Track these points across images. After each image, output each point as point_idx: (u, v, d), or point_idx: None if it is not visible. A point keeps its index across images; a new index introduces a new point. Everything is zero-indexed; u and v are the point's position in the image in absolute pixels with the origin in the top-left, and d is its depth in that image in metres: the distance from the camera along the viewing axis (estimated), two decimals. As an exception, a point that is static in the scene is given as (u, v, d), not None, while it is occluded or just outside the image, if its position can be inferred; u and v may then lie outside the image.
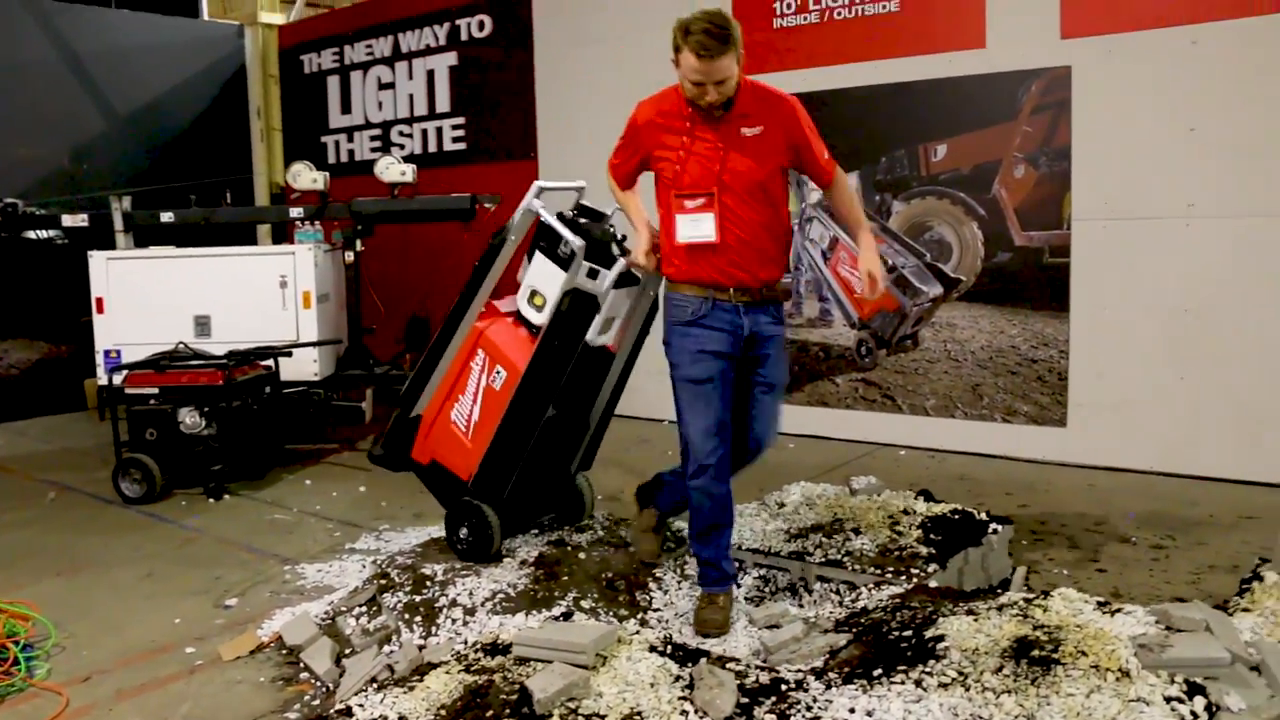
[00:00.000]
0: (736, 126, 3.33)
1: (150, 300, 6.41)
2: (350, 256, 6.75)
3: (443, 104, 8.23)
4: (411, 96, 8.43)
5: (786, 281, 4.04)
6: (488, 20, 7.87)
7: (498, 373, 3.78)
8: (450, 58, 8.15)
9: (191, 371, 5.48)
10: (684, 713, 2.48)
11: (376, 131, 8.72)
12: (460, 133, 8.15)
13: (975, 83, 5.78)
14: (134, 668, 3.39)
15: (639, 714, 2.44)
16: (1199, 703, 2.46)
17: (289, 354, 5.99)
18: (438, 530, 4.31)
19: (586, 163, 7.27)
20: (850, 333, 6.40)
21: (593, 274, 3.68)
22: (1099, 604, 2.96)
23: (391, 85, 8.58)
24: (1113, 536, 4.43)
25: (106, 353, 6.31)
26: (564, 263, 3.66)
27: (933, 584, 3.44)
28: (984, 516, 3.94)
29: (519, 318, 3.85)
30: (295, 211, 6.94)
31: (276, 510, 5.24)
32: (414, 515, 5.01)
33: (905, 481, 4.83)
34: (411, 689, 2.66)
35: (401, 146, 8.45)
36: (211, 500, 5.39)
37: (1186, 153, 5.23)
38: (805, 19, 6.31)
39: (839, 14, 6.20)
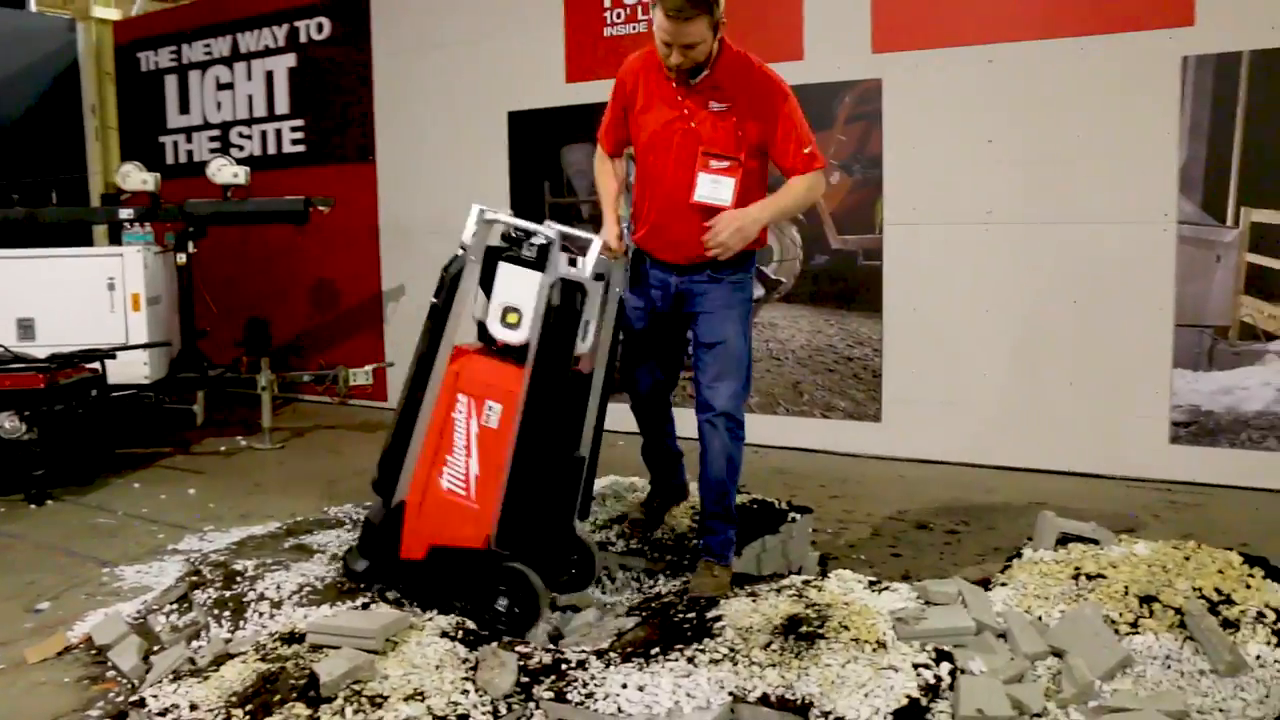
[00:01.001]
0: (706, 98, 3.38)
1: (-30, 302, 6.26)
2: (182, 258, 6.70)
3: (282, 106, 8.20)
4: (251, 97, 8.37)
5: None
6: (326, 22, 7.88)
7: (489, 409, 3.28)
8: (289, 59, 8.12)
9: (11, 375, 5.38)
10: (465, 692, 2.62)
11: (216, 132, 8.62)
12: (300, 135, 8.13)
13: (794, 93, 6.05)
14: (-70, 670, 3.37)
15: (421, 694, 2.57)
16: (944, 668, 2.72)
17: (114, 357, 5.91)
18: (259, 529, 4.36)
19: (425, 168, 7.42)
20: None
21: (572, 262, 3.35)
22: (870, 583, 3.21)
23: (231, 86, 8.50)
24: (912, 524, 4.73)
25: (-77, 357, 6.13)
26: (538, 262, 3.29)
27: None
28: (784, 506, 4.17)
29: (488, 349, 3.42)
30: (125, 213, 6.86)
31: (100, 514, 5.18)
32: (240, 516, 5.02)
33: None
34: (206, 678, 2.74)
35: (240, 148, 8.38)
36: (33, 506, 5.29)
37: (985, 162, 5.61)
38: (633, 28, 6.50)
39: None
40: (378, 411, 7.49)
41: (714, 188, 3.38)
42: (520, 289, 3.31)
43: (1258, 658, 2.74)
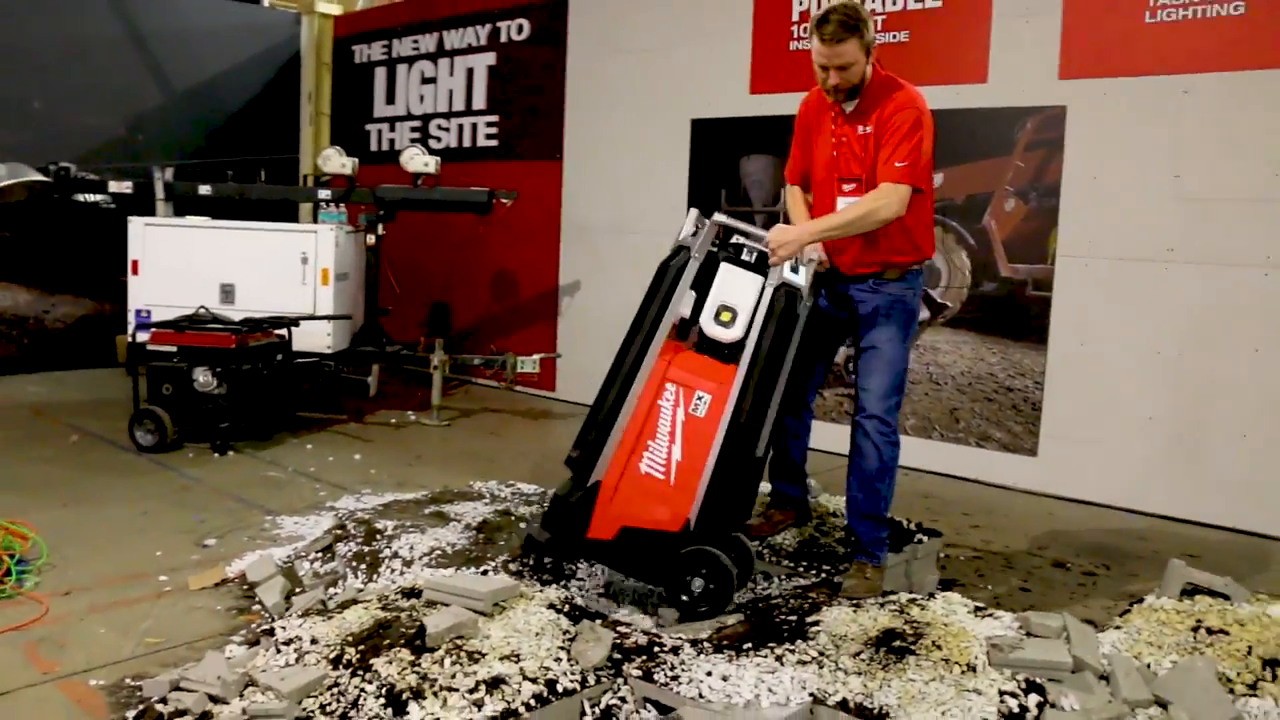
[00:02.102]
0: (856, 123, 3.63)
1: (181, 265, 6.82)
2: (372, 239, 7.12)
3: (479, 101, 8.59)
4: (451, 92, 8.80)
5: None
6: (526, 24, 8.22)
7: (698, 399, 3.41)
8: (489, 58, 8.50)
9: (208, 334, 5.86)
10: (558, 659, 2.76)
11: (417, 123, 9.09)
12: (494, 130, 8.49)
13: (974, 115, 5.99)
14: (110, 588, 3.75)
15: (516, 655, 2.72)
16: (1033, 700, 2.70)
17: (298, 325, 6.35)
18: (408, 495, 4.63)
19: (608, 168, 7.66)
20: (841, 349, 6.60)
21: (794, 268, 3.54)
22: (975, 609, 3.19)
23: (434, 80, 8.95)
24: (1049, 561, 4.62)
25: (138, 312, 6.71)
26: (759, 266, 3.50)
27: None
28: (912, 527, 4.16)
29: (699, 345, 3.56)
30: (323, 193, 7.33)
31: (273, 469, 5.59)
32: (396, 483, 5.32)
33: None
34: (331, 618, 2.97)
35: (438, 139, 8.82)
36: (216, 455, 5.76)
37: (1170, 198, 5.39)
38: (820, 44, 6.55)
39: (853, 42, 6.43)
40: (543, 400, 7.77)
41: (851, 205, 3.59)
42: (739, 290, 3.50)
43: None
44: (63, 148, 8.03)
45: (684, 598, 3.33)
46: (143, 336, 6.00)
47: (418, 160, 7.08)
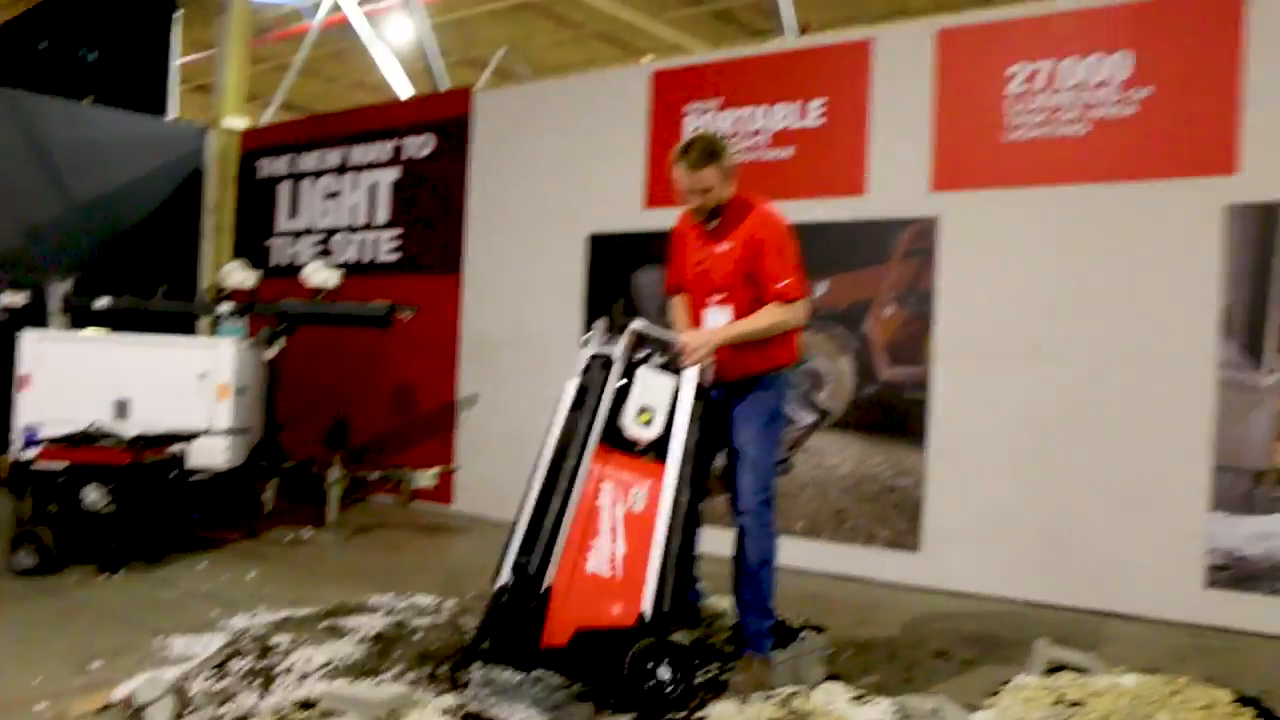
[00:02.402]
0: (718, 240, 3.99)
1: (75, 381, 6.76)
2: (271, 354, 7.17)
3: (382, 216, 8.77)
4: (354, 207, 8.97)
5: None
6: (430, 141, 8.46)
7: (635, 494, 3.65)
8: (393, 173, 8.71)
9: (100, 450, 5.83)
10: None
11: (320, 237, 9.22)
12: (396, 244, 8.66)
13: (854, 227, 6.34)
14: (-16, 717, 3.69)
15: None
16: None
17: (194, 439, 6.34)
18: (305, 610, 4.64)
19: (507, 282, 7.85)
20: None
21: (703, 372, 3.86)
22: (855, 697, 3.35)
23: (337, 195, 9.12)
24: (932, 652, 4.78)
25: (26, 429, 6.62)
26: (672, 367, 3.80)
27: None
28: (798, 625, 4.30)
29: (617, 446, 3.76)
30: (224, 307, 7.38)
31: (164, 588, 5.53)
32: (292, 600, 5.28)
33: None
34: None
35: (341, 253, 8.95)
36: (105, 575, 5.66)
37: (1034, 300, 5.78)
38: (709, 161, 6.86)
39: (740, 157, 6.75)
40: (441, 514, 7.81)
41: (717, 317, 3.99)
42: (655, 392, 3.79)
43: (1219, 799, 2.81)
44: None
45: (648, 688, 3.45)
46: (30, 454, 5.93)
47: (319, 274, 7.20)
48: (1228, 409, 5.28)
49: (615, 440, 3.75)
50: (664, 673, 3.48)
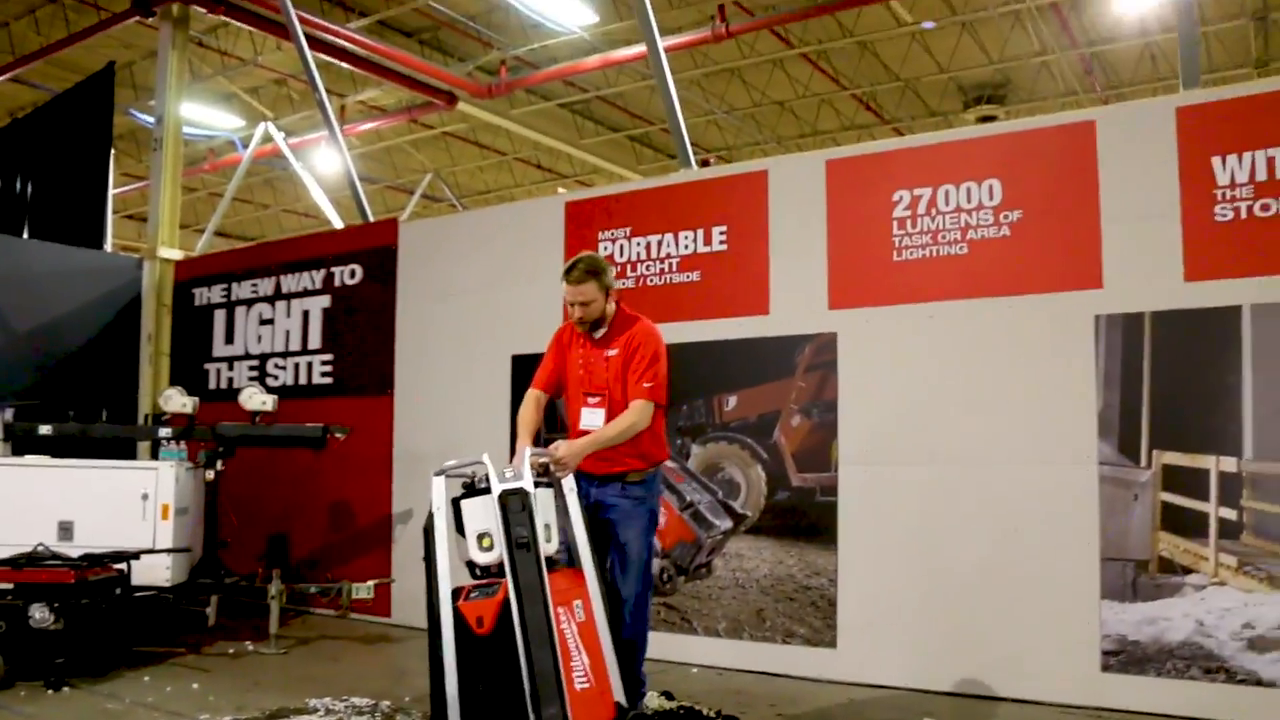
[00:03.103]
0: (603, 348, 4.65)
1: (19, 504, 6.98)
2: (211, 475, 7.43)
3: (314, 341, 9.09)
4: (288, 332, 9.29)
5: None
6: (359, 269, 8.86)
7: (576, 607, 4.11)
8: (324, 300, 9.07)
9: (46, 570, 6.03)
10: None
11: (255, 362, 9.51)
12: (328, 367, 8.98)
13: (760, 344, 6.79)
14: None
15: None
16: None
17: (138, 558, 6.55)
18: (247, 715, 4.87)
19: (436, 401, 8.21)
20: (655, 562, 7.14)
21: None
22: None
23: (271, 321, 9.45)
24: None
25: (-30, 551, 6.79)
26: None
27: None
28: (711, 714, 4.63)
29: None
30: (164, 431, 7.65)
31: (110, 701, 5.70)
32: (235, 707, 5.50)
33: (685, 694, 5.50)
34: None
35: (275, 377, 9.25)
36: (50, 691, 5.82)
37: (927, 407, 6.22)
38: (623, 283, 7.31)
39: (651, 281, 7.26)
40: (379, 625, 8.00)
41: (591, 417, 4.70)
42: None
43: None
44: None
45: None
46: (-25, 578, 6.10)
47: (256, 399, 7.50)
48: (1110, 503, 5.73)
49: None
50: None
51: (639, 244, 7.36)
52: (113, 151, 11.46)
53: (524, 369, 7.72)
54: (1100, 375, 5.79)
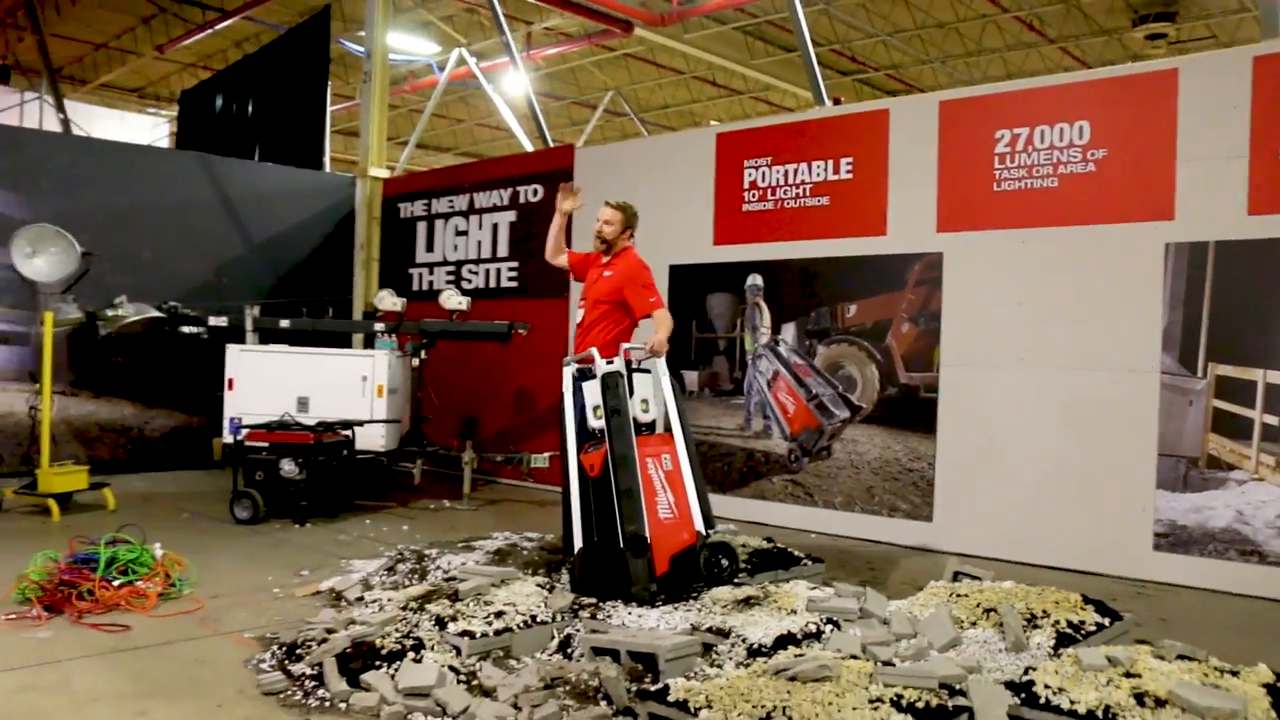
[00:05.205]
0: (604, 269, 6.10)
1: (267, 383, 8.70)
2: (416, 363, 9.01)
3: (502, 250, 10.56)
4: (479, 243, 10.79)
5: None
6: (540, 188, 10.23)
7: (664, 458, 5.35)
8: (511, 215, 10.51)
9: (292, 433, 7.69)
10: (539, 606, 4.49)
11: (451, 268, 11.08)
12: (514, 274, 10.45)
13: (877, 261, 7.85)
14: (242, 594, 5.49)
15: (514, 604, 4.45)
16: (829, 628, 4.38)
17: (361, 426, 8.18)
18: (442, 539, 6.38)
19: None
20: (784, 444, 8.37)
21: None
22: (810, 585, 4.89)
23: (465, 233, 10.97)
24: (914, 586, 6.19)
25: (232, 419, 8.55)
26: (643, 370, 5.66)
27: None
28: (801, 556, 5.85)
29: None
30: (378, 326, 9.26)
31: (341, 534, 7.35)
32: (429, 543, 7.05)
33: (798, 549, 6.72)
34: (399, 590, 4.72)
35: (469, 281, 10.79)
36: (297, 525, 7.53)
37: (1017, 319, 7.18)
38: (764, 206, 8.47)
39: (788, 204, 8.36)
40: (553, 492, 9.50)
41: (578, 315, 6.47)
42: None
43: (1038, 644, 4.28)
44: (165, 290, 10.00)
45: (715, 573, 5.14)
46: (240, 437, 7.81)
47: (453, 299, 9.02)
48: (1168, 407, 6.62)
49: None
50: (724, 561, 5.21)
51: (778, 171, 8.45)
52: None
53: (680, 276, 9.00)
54: (1167, 296, 6.62)
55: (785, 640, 4.18)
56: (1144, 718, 3.30)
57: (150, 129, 22.55)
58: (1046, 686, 3.57)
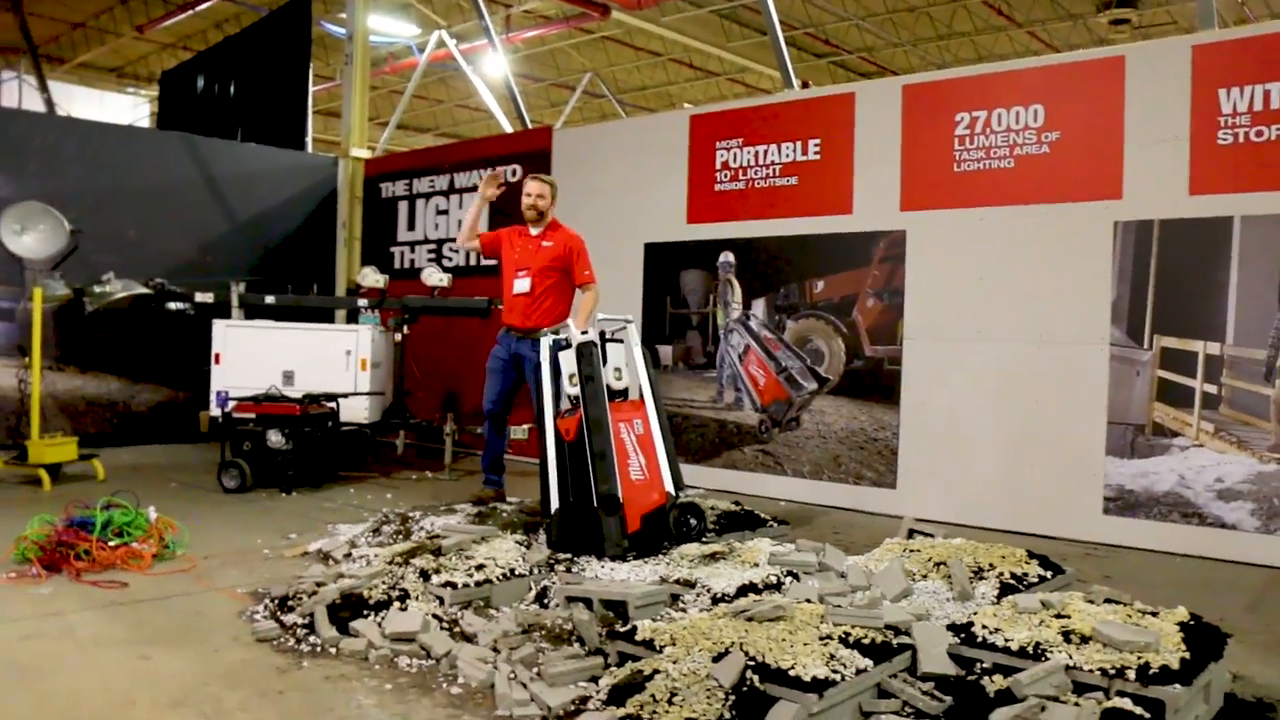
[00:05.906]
0: (539, 240, 6.69)
1: (253, 357, 8.96)
2: (398, 338, 9.27)
3: (483, 228, 10.69)
4: (460, 221, 10.96)
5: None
6: (519, 168, 10.48)
7: (635, 423, 5.73)
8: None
9: (279, 404, 7.94)
10: (517, 560, 4.78)
11: (432, 246, 11.33)
12: (493, 251, 10.68)
13: (844, 238, 8.15)
14: (233, 556, 5.77)
15: (494, 558, 4.75)
16: (789, 579, 4.70)
17: (345, 398, 8.44)
18: (425, 505, 6.67)
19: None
20: (754, 415, 8.68)
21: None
22: (773, 540, 5.20)
23: (446, 212, 11.22)
24: (862, 540, 6.51)
25: (219, 392, 8.79)
26: (616, 340, 6.13)
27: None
28: (767, 518, 6.17)
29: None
30: (361, 302, 9.51)
31: (327, 502, 7.63)
32: (411, 507, 7.33)
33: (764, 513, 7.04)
34: (385, 547, 5.01)
35: (450, 259, 11.04)
36: (284, 494, 7.79)
37: (976, 294, 7.50)
38: (736, 186, 8.76)
39: (758, 184, 8.65)
40: (530, 463, 9.78)
41: (520, 284, 7.12)
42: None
43: (983, 594, 4.60)
44: (151, 267, 10.20)
45: (684, 532, 5.48)
46: (227, 409, 8.06)
47: (435, 276, 9.28)
48: (1116, 378, 6.96)
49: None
50: (693, 521, 5.55)
51: (749, 152, 8.73)
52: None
53: (655, 254, 9.29)
54: (1115, 272, 6.95)
55: (747, 589, 4.48)
56: (1069, 652, 3.61)
57: (131, 109, 22.66)
58: (984, 627, 3.88)
